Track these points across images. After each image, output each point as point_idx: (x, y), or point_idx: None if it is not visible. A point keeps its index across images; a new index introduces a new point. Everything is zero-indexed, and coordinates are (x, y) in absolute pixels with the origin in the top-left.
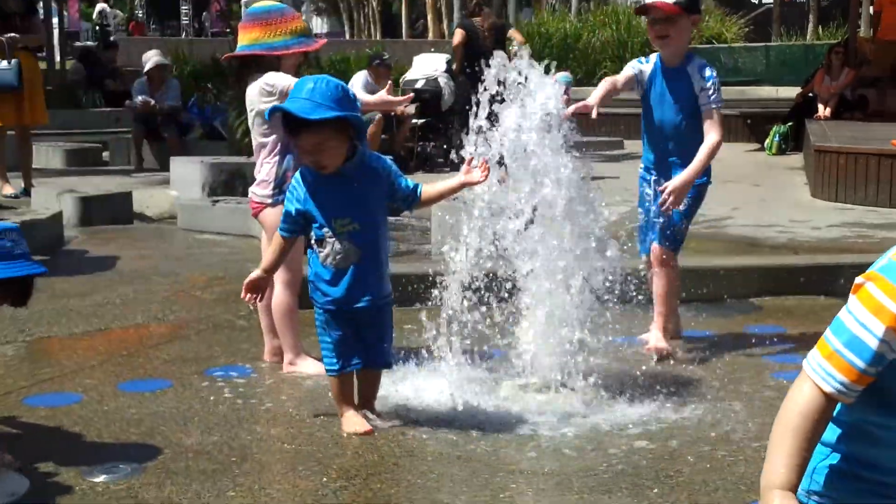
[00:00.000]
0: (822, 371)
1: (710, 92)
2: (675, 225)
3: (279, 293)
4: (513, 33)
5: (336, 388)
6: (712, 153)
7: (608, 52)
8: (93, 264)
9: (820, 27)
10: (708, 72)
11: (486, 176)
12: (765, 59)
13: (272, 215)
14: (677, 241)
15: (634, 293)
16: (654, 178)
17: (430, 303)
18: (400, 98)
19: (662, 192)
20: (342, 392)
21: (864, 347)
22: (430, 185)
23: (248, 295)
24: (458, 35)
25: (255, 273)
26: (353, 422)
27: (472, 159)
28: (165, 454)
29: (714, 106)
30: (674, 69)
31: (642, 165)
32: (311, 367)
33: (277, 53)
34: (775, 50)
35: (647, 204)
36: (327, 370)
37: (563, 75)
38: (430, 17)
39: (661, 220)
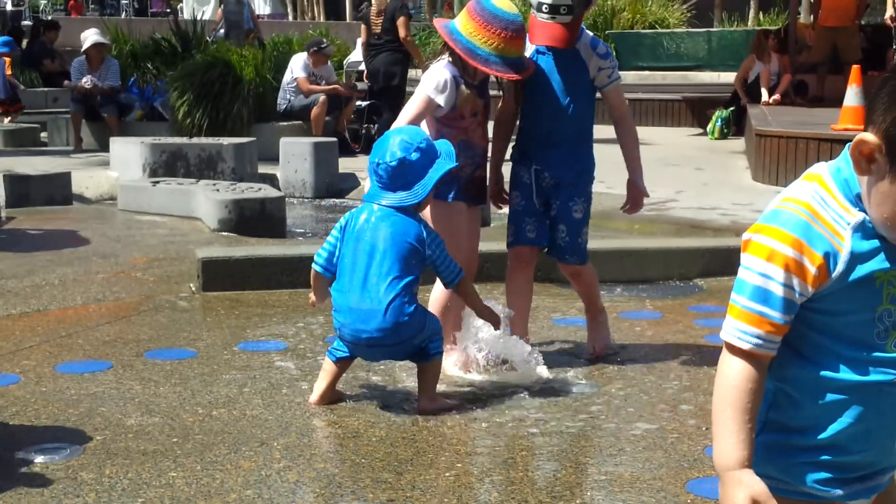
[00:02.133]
0: (735, 331)
1: (611, 70)
2: (580, 238)
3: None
4: (400, 24)
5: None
6: (637, 140)
7: None
8: (31, 245)
9: (761, 13)
10: (603, 48)
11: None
12: (707, 45)
13: None
14: (584, 252)
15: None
16: (535, 167)
17: None
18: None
19: (627, 209)
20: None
21: (768, 295)
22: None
23: None
24: (362, 32)
25: None
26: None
27: None
28: (105, 435)
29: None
30: (560, 50)
31: (518, 150)
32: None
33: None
34: (717, 35)
35: (522, 194)
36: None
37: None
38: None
39: (563, 236)
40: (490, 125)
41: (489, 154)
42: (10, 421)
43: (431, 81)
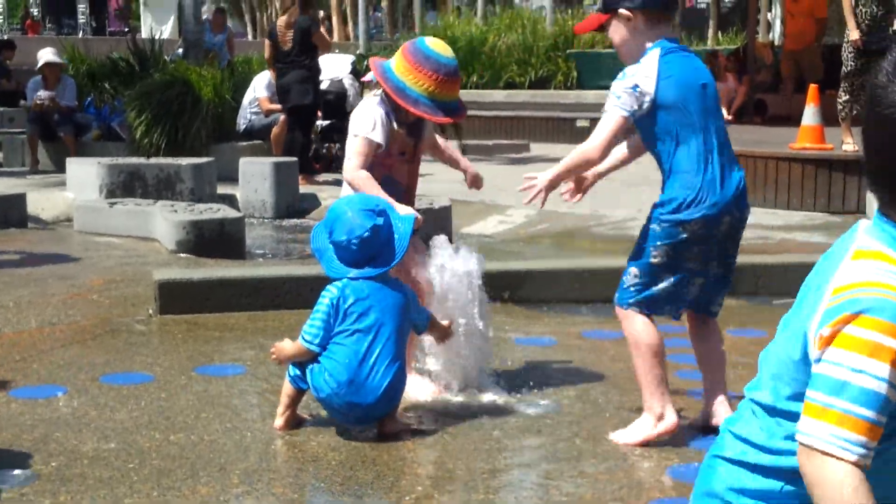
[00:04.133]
0: (839, 441)
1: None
2: (623, 275)
3: None
4: (315, 39)
5: None
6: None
7: (514, 56)
8: None
9: (720, 33)
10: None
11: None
12: None
13: None
14: (621, 292)
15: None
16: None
17: None
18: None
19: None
20: None
21: (873, 397)
22: None
23: None
24: (266, 48)
25: None
26: None
27: None
28: (60, 461)
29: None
30: None
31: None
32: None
33: None
34: None
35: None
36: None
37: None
38: (335, 18)
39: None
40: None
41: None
42: None
43: (364, 121)
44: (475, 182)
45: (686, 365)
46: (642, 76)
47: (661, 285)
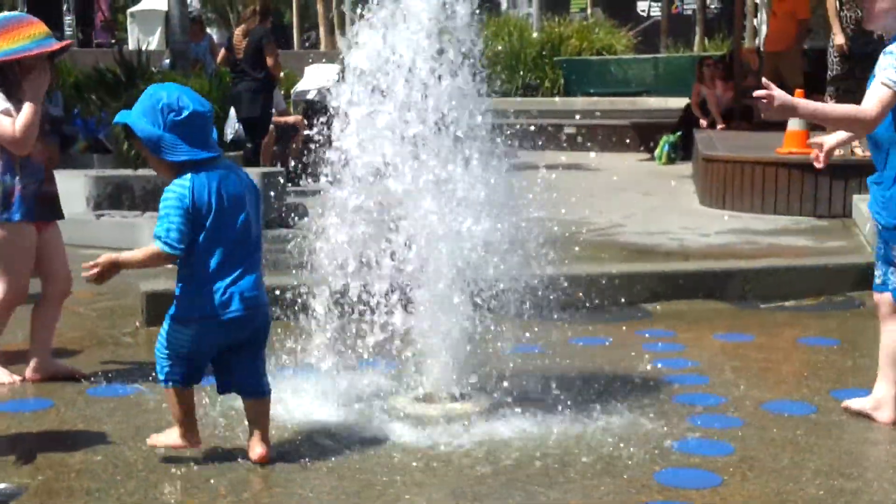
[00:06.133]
0: None
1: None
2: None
3: None
4: (266, 53)
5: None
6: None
7: (501, 63)
8: None
9: (706, 39)
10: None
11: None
12: (654, 71)
13: None
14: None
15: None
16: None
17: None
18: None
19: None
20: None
21: None
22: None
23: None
24: (220, 56)
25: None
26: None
27: None
28: (47, 474)
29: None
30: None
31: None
32: None
33: (17, 57)
34: (664, 61)
35: None
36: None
37: None
38: (321, 28)
39: None
40: None
41: None
42: None
43: None
44: None
45: None
46: None
47: None
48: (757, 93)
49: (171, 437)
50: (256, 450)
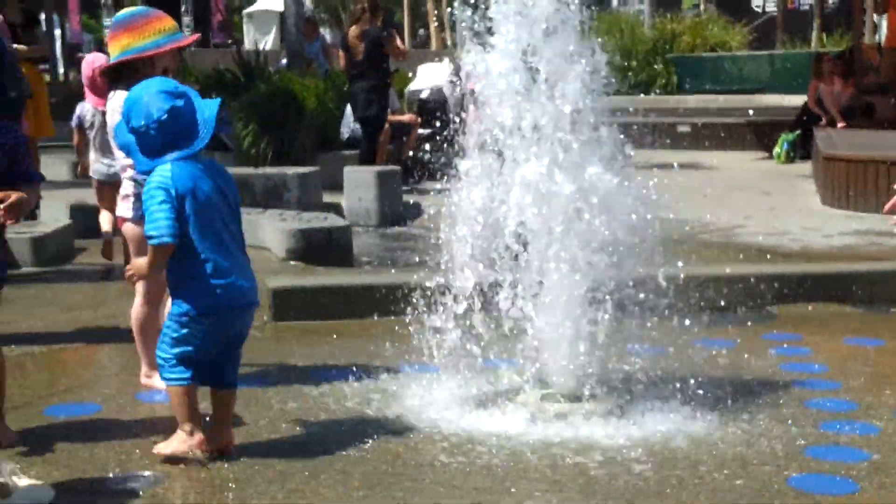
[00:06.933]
0: None
1: None
2: None
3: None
4: (387, 50)
5: None
6: None
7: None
8: (102, 276)
9: (824, 35)
10: None
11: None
12: (769, 67)
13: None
14: None
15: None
16: None
17: (439, 314)
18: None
19: None
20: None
21: None
22: None
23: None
24: (341, 59)
25: None
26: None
27: None
28: (188, 462)
29: None
30: None
31: None
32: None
33: (150, 54)
34: (780, 58)
35: None
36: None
37: None
38: (432, 27)
39: None
40: None
41: None
42: (93, 449)
43: None
44: None
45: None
46: None
47: None
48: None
49: (178, 443)
50: (227, 438)
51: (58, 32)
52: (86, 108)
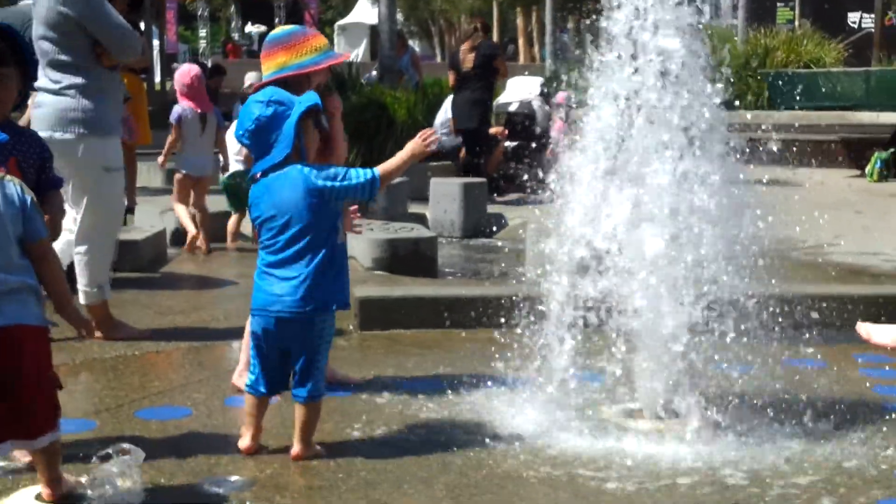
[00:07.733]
0: None
1: None
2: None
3: None
4: (498, 64)
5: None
6: None
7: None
8: (195, 282)
9: None
10: None
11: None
12: (864, 84)
13: None
14: None
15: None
16: None
17: (524, 327)
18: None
19: None
20: None
21: None
22: None
23: None
24: (450, 77)
25: None
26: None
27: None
28: (273, 468)
29: None
30: None
31: None
32: None
33: (309, 70)
34: (876, 75)
35: None
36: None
37: None
38: (521, 40)
39: None
40: None
41: None
42: (183, 453)
43: None
44: None
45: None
46: None
47: None
48: None
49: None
50: (293, 450)
51: (156, 43)
52: (185, 109)
